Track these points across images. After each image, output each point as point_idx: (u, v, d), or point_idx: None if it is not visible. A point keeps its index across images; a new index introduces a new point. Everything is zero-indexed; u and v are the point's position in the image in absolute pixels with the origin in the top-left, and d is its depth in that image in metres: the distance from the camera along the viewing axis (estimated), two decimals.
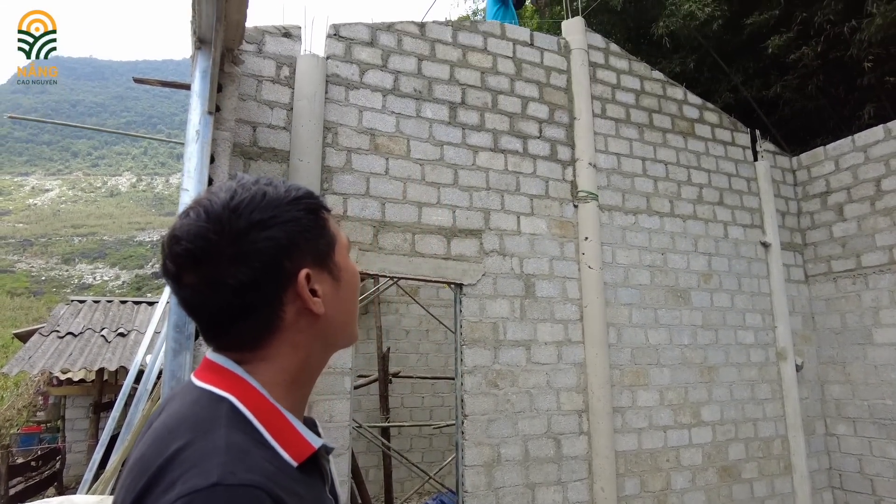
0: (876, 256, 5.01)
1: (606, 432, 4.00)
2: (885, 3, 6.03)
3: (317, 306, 0.73)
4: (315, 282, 0.73)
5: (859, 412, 5.01)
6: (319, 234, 0.75)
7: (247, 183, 0.73)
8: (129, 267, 50.58)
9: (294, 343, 0.73)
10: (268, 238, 0.69)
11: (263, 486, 0.59)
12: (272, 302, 0.71)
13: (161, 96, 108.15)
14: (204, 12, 1.90)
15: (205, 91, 2.03)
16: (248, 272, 0.68)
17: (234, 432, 0.64)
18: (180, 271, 0.69)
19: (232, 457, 0.60)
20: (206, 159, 2.02)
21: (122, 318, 8.21)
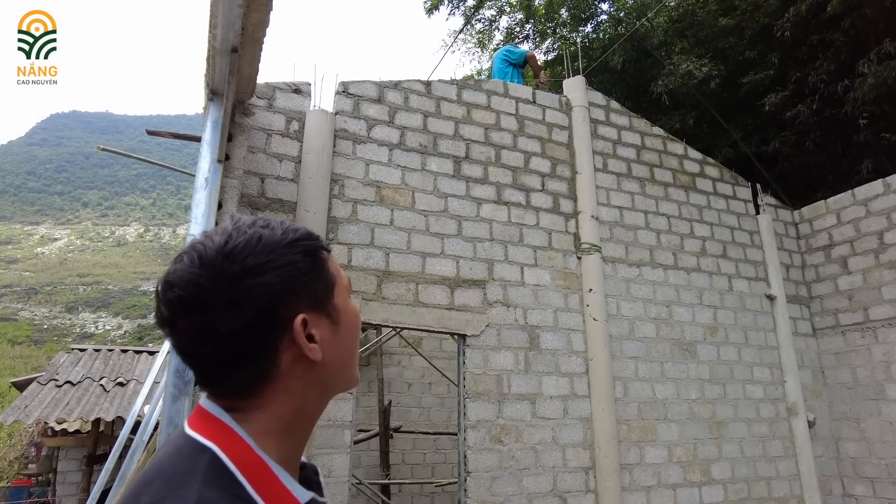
0: (884, 310, 4.97)
1: (614, 490, 3.87)
2: (875, 63, 6.22)
3: (314, 353, 0.70)
4: (312, 326, 0.71)
5: (877, 471, 4.84)
6: (317, 277, 0.73)
7: (242, 226, 0.71)
8: (132, 316, 50.48)
9: (289, 391, 0.70)
10: (262, 284, 0.67)
11: None
12: (267, 350, 0.68)
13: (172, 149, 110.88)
14: (218, 66, 1.98)
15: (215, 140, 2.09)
16: (242, 319, 0.65)
17: (209, 488, 0.61)
18: (173, 318, 0.67)
19: None
20: (214, 205, 2.06)
21: (122, 367, 8.13)
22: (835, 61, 7.00)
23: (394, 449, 7.05)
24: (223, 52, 1.90)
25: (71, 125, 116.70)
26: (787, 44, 7.44)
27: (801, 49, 7.43)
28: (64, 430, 8.16)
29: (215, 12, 1.78)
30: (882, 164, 6.62)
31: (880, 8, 6.51)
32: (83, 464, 8.00)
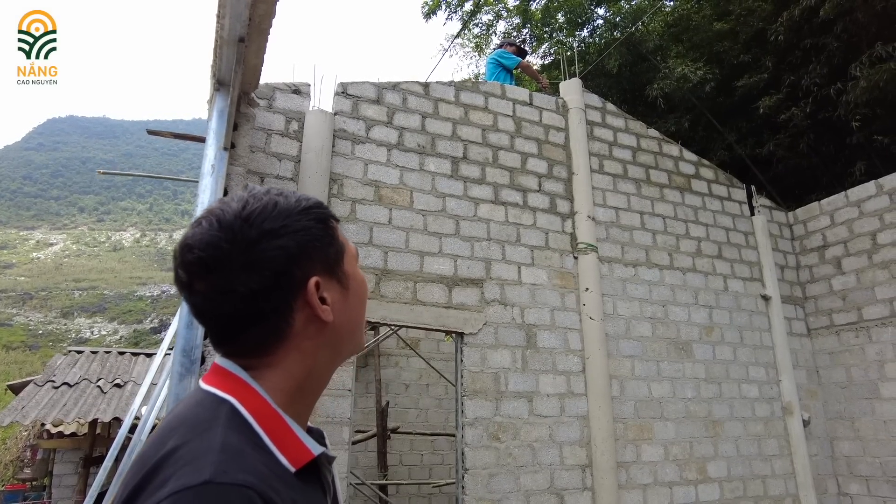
0: (877, 309, 5.02)
1: (611, 488, 3.89)
2: (867, 67, 6.29)
3: (326, 314, 0.74)
4: (324, 290, 0.74)
5: (872, 470, 4.88)
6: (329, 243, 0.77)
7: (258, 193, 0.74)
8: (127, 321, 50.31)
9: (302, 350, 0.74)
10: (279, 247, 0.70)
11: (255, 486, 0.58)
12: (282, 309, 0.72)
13: (169, 154, 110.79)
14: (225, 56, 2.02)
15: (221, 128, 2.13)
16: (259, 280, 0.69)
17: (231, 433, 0.64)
18: (191, 279, 0.70)
19: (226, 456, 0.60)
20: (220, 192, 2.10)
21: (120, 368, 8.12)
22: (828, 65, 7.07)
23: (391, 450, 7.06)
24: (230, 42, 1.93)
25: (68, 129, 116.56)
26: (781, 48, 7.52)
27: (795, 53, 7.51)
28: (60, 432, 8.14)
29: (223, 2, 1.82)
30: (874, 166, 6.69)
31: (872, 12, 6.59)
32: (80, 466, 7.97)
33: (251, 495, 0.57)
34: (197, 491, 0.56)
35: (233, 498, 0.56)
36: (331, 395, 3.34)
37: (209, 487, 0.56)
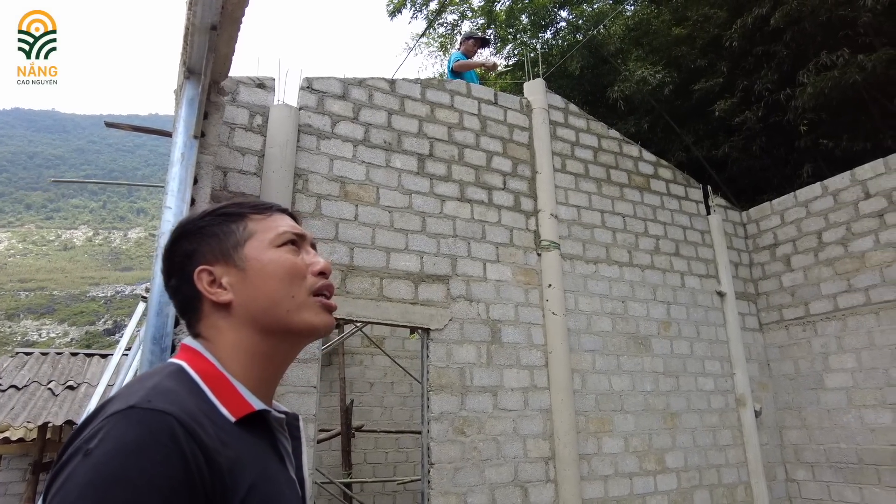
0: (822, 304, 5.27)
1: (573, 480, 3.98)
2: (814, 74, 6.60)
3: (217, 296, 0.85)
4: (223, 275, 0.86)
5: (816, 457, 5.13)
6: (225, 236, 0.89)
7: (194, 212, 0.96)
8: (79, 323, 48.49)
9: (218, 328, 0.85)
10: (178, 250, 0.88)
11: (176, 414, 0.65)
12: (192, 297, 0.86)
13: (124, 150, 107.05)
14: (196, 44, 1.99)
15: (191, 117, 2.10)
16: (175, 279, 0.89)
17: (168, 380, 0.73)
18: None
19: (155, 392, 0.69)
20: (190, 180, 2.07)
21: (73, 370, 7.82)
22: (778, 71, 7.39)
23: (355, 448, 7.03)
24: (202, 30, 1.91)
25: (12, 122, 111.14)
26: (735, 54, 7.82)
27: (748, 59, 7.82)
28: (6, 438, 7.79)
29: None
30: (820, 169, 7.02)
31: (818, 22, 6.91)
32: (28, 472, 7.65)
33: (170, 421, 0.64)
34: (123, 413, 0.64)
35: (152, 420, 0.64)
36: (296, 392, 3.32)
37: (133, 411, 0.64)
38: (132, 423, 0.63)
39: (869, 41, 6.76)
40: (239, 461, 0.71)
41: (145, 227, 76.68)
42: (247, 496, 0.69)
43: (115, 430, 0.63)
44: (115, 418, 0.64)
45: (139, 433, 0.63)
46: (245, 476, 0.70)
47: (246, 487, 0.69)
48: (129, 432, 0.62)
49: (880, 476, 4.69)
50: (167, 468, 0.62)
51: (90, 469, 0.60)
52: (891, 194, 4.93)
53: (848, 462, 4.89)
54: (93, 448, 0.61)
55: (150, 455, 0.62)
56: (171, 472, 0.62)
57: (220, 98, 2.56)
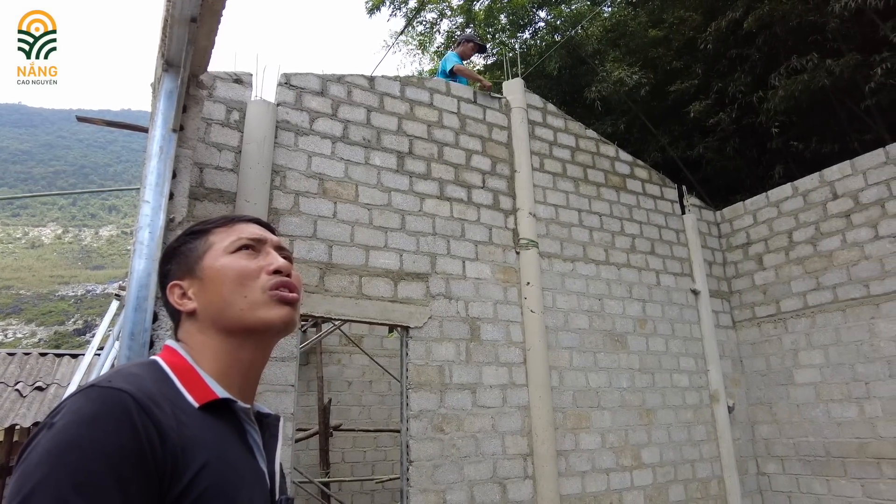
0: (792, 302, 5.41)
1: (551, 476, 4.02)
2: (785, 77, 6.76)
3: (181, 305, 0.95)
4: (189, 287, 0.95)
5: (786, 450, 5.26)
6: (190, 252, 0.98)
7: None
8: (47, 323, 47.30)
9: (189, 332, 0.94)
10: (162, 272, 1.00)
11: (132, 391, 0.72)
12: (172, 310, 0.96)
13: (95, 146, 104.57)
14: (175, 36, 1.96)
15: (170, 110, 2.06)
16: (162, 295, 0.99)
17: (134, 367, 0.81)
18: None
19: (116, 374, 0.76)
20: (169, 174, 2.03)
21: (42, 370, 7.61)
22: (751, 74, 7.55)
23: (333, 447, 6.99)
24: (181, 22, 1.87)
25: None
26: (710, 56, 7.97)
27: (722, 61, 7.98)
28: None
29: None
30: (791, 170, 7.20)
31: (788, 27, 7.08)
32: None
33: (124, 397, 0.70)
34: (84, 392, 0.71)
35: (107, 396, 0.70)
36: (273, 391, 3.29)
37: (92, 388, 0.71)
38: (90, 399, 0.70)
39: (837, 46, 6.95)
40: (194, 440, 0.75)
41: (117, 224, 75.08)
42: (199, 473, 0.73)
43: (75, 405, 0.69)
44: (77, 395, 0.71)
45: (95, 407, 0.69)
46: (199, 455, 0.75)
47: (199, 465, 0.74)
48: (86, 406, 0.69)
49: (846, 468, 4.83)
50: (117, 437, 0.67)
51: (49, 439, 0.66)
52: (857, 195, 5.07)
53: (816, 455, 5.03)
54: (56, 421, 0.68)
55: (102, 425, 0.67)
56: (120, 441, 0.67)
57: (200, 92, 2.52)
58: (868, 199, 4.99)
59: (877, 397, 4.72)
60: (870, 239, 4.93)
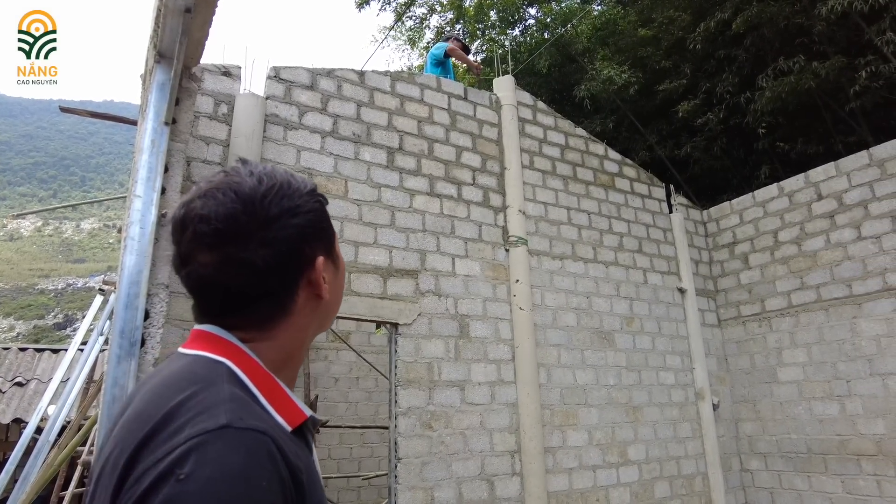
0: (777, 301, 5.47)
1: (538, 473, 4.03)
2: (772, 79, 6.83)
3: (325, 291, 0.78)
4: (324, 270, 0.79)
5: (769, 447, 5.33)
6: (329, 226, 0.82)
7: (267, 170, 0.76)
8: (26, 317, 46.54)
9: (297, 326, 0.77)
10: (295, 225, 0.74)
11: (269, 433, 0.61)
12: (290, 286, 0.75)
13: (76, 137, 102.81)
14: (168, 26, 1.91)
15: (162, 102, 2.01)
16: (275, 256, 0.72)
17: (234, 387, 0.67)
18: (196, 251, 0.71)
19: (238, 405, 0.63)
20: (161, 168, 1.98)
21: (21, 366, 7.48)
22: (738, 75, 7.62)
23: (320, 444, 6.96)
24: (175, 12, 1.83)
25: None
26: (698, 56, 8.02)
27: (710, 62, 8.04)
28: None
29: None
30: (777, 171, 7.28)
31: (776, 29, 7.15)
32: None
33: (266, 441, 0.60)
34: (217, 434, 0.58)
35: (250, 441, 0.59)
36: None
37: (228, 430, 0.59)
38: (232, 446, 0.58)
39: (823, 49, 7.03)
40: (308, 475, 0.68)
41: (99, 217, 73.99)
42: None
43: (215, 453, 0.57)
44: (209, 439, 0.58)
45: (242, 458, 0.58)
46: (315, 492, 0.68)
47: (315, 502, 0.68)
48: (231, 457, 0.57)
49: (827, 465, 4.91)
50: (271, 495, 0.59)
51: (195, 497, 0.55)
52: (841, 196, 5.14)
53: (798, 452, 5.11)
54: (189, 473, 0.56)
55: (256, 482, 0.57)
56: (273, 498, 0.59)
57: (192, 84, 2.48)
58: (852, 201, 5.06)
59: (857, 395, 4.80)
60: (853, 240, 5.00)
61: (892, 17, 6.13)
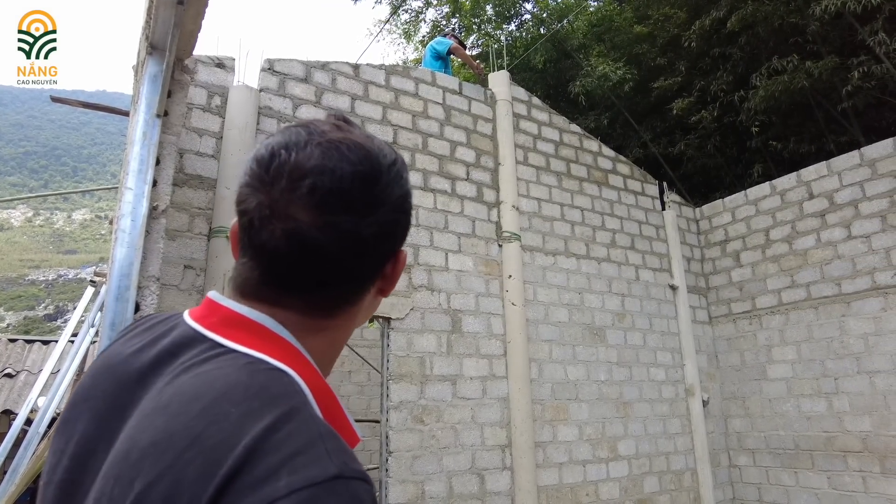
0: (767, 299, 5.52)
1: (529, 467, 4.06)
2: (766, 78, 6.86)
3: (391, 287, 0.70)
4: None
5: (757, 443, 5.39)
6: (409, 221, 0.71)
7: (378, 140, 0.65)
8: (16, 308, 46.24)
9: (354, 318, 0.68)
10: (404, 211, 0.65)
11: (369, 479, 0.52)
12: (374, 273, 0.65)
13: (68, 127, 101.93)
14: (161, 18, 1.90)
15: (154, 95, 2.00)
16: (381, 238, 0.62)
17: (313, 410, 0.56)
18: (298, 206, 0.57)
19: (336, 445, 0.52)
20: (152, 160, 1.97)
21: (11, 357, 7.44)
22: (733, 73, 7.64)
23: None
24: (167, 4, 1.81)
25: None
26: (693, 54, 8.04)
27: (705, 60, 8.05)
28: None
29: None
30: (769, 169, 7.32)
31: (771, 28, 7.17)
32: None
33: (370, 490, 0.51)
34: (329, 487, 0.48)
35: (361, 493, 0.50)
36: None
37: (339, 483, 0.49)
38: (344, 502, 0.48)
39: (816, 49, 7.06)
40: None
41: (91, 208, 73.46)
42: None
43: None
44: (320, 494, 0.47)
45: None
46: None
47: None
48: None
49: (814, 461, 4.96)
50: None
51: None
52: (832, 196, 5.18)
53: (785, 448, 5.16)
54: None
55: None
56: None
57: (185, 76, 2.46)
58: (842, 200, 5.10)
59: (844, 392, 4.85)
60: (843, 239, 5.04)
61: (885, 18, 6.16)
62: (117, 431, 0.57)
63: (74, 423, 0.61)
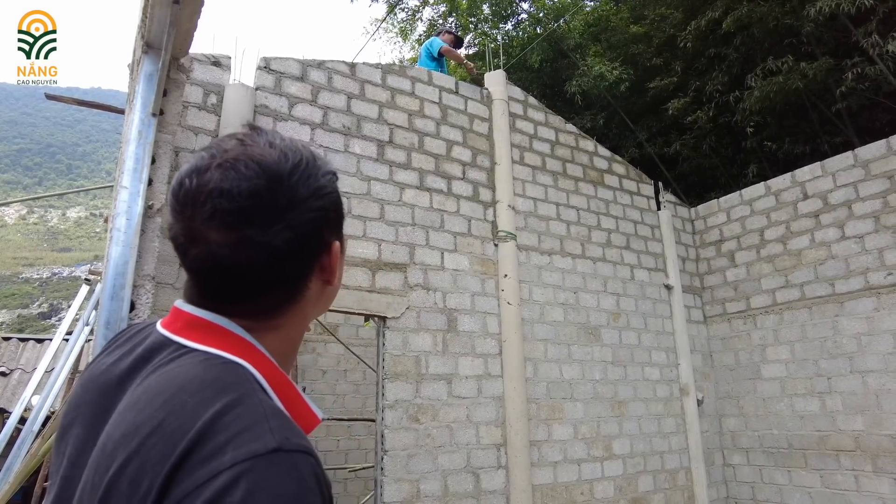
0: (762, 299, 5.54)
1: (524, 466, 4.07)
2: (761, 78, 6.88)
3: (336, 278, 0.73)
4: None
5: (751, 443, 5.42)
6: (342, 206, 0.75)
7: (287, 142, 0.69)
8: (10, 306, 46.01)
9: (304, 313, 0.72)
10: (319, 208, 0.67)
11: (313, 452, 0.57)
12: (306, 272, 0.69)
13: (62, 125, 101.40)
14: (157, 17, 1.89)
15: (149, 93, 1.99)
16: (298, 240, 0.65)
17: (263, 395, 0.61)
18: (209, 228, 0.62)
19: (282, 421, 0.58)
20: (148, 159, 1.97)
21: (5, 355, 7.40)
22: (728, 73, 7.67)
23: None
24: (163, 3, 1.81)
25: None
26: (689, 54, 8.06)
27: (701, 60, 8.08)
28: None
29: None
30: (764, 169, 7.35)
31: (766, 29, 7.20)
32: None
33: (313, 462, 0.56)
34: (268, 459, 0.53)
35: (301, 464, 0.55)
36: None
37: (279, 455, 0.54)
38: (283, 472, 0.53)
39: (811, 50, 7.10)
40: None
41: (86, 206, 73.14)
42: None
43: (267, 481, 0.52)
44: (259, 465, 0.52)
45: (295, 485, 0.53)
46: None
47: None
48: (284, 485, 0.53)
49: (807, 460, 5.00)
50: None
51: None
52: (826, 196, 5.21)
53: (779, 447, 5.19)
54: (241, 502, 0.51)
55: None
56: None
57: (180, 75, 2.46)
58: (836, 201, 5.13)
59: (837, 392, 4.88)
60: (837, 239, 5.07)
61: (878, 20, 6.20)
62: (101, 431, 0.64)
63: (70, 429, 0.69)
